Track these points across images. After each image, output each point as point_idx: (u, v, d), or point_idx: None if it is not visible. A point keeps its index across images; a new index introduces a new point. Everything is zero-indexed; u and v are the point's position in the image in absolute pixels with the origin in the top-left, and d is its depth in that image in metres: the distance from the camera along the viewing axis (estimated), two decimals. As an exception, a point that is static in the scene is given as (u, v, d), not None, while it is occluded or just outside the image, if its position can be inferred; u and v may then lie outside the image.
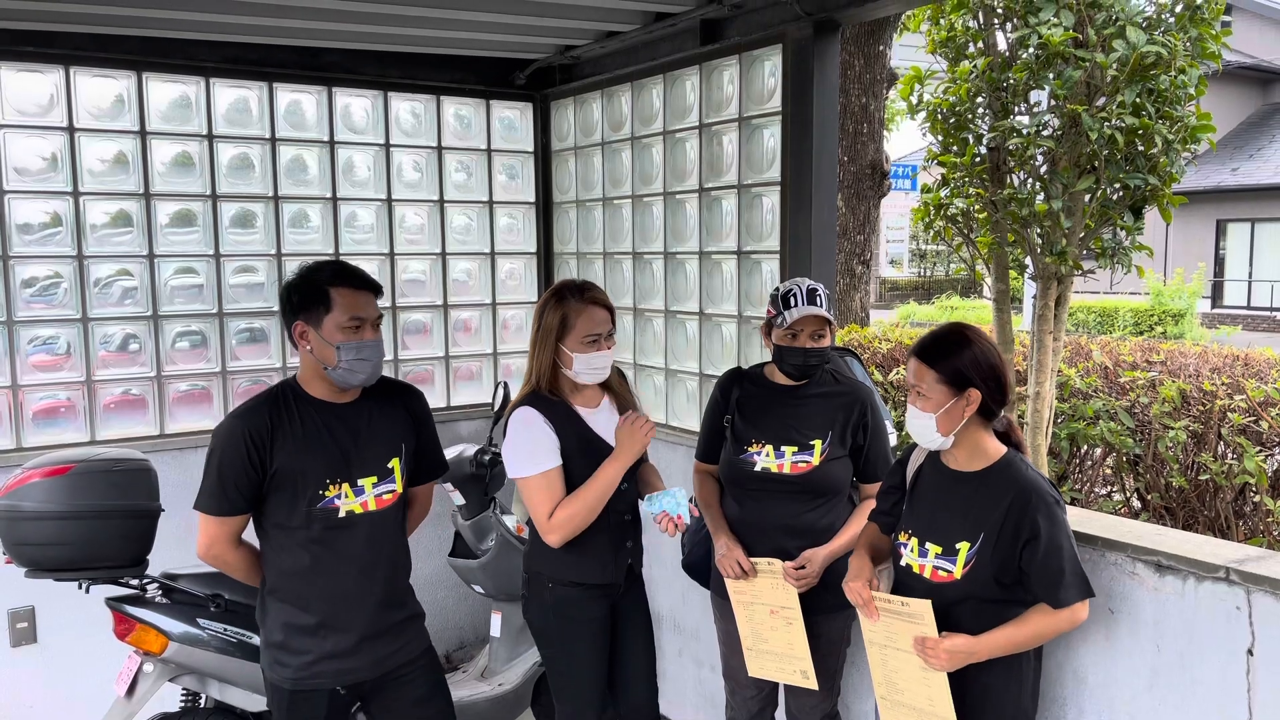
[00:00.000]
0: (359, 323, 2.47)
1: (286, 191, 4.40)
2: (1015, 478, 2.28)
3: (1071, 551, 2.22)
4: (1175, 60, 4.28)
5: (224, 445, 2.45)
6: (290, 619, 2.55)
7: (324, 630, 2.54)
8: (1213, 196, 22.42)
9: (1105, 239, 4.80)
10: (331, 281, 2.47)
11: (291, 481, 2.47)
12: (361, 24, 3.92)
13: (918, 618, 2.26)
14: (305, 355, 2.51)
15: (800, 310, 2.73)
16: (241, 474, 2.43)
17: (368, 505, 2.55)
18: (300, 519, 2.49)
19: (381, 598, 2.61)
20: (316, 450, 2.49)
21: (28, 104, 3.88)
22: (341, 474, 2.51)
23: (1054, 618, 2.23)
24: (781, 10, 3.49)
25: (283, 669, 2.55)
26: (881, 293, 29.05)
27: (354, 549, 2.54)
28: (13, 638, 3.90)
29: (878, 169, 8.36)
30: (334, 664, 2.55)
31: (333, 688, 2.57)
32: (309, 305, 2.46)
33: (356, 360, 2.47)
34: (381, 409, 2.62)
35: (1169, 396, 4.76)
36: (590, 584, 2.81)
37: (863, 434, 2.84)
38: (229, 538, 2.51)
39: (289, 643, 2.55)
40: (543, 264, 5.06)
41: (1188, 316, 18.72)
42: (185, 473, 4.15)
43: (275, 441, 2.45)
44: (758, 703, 3.04)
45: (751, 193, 3.79)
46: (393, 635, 2.64)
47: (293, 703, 2.56)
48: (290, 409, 2.50)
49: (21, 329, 3.94)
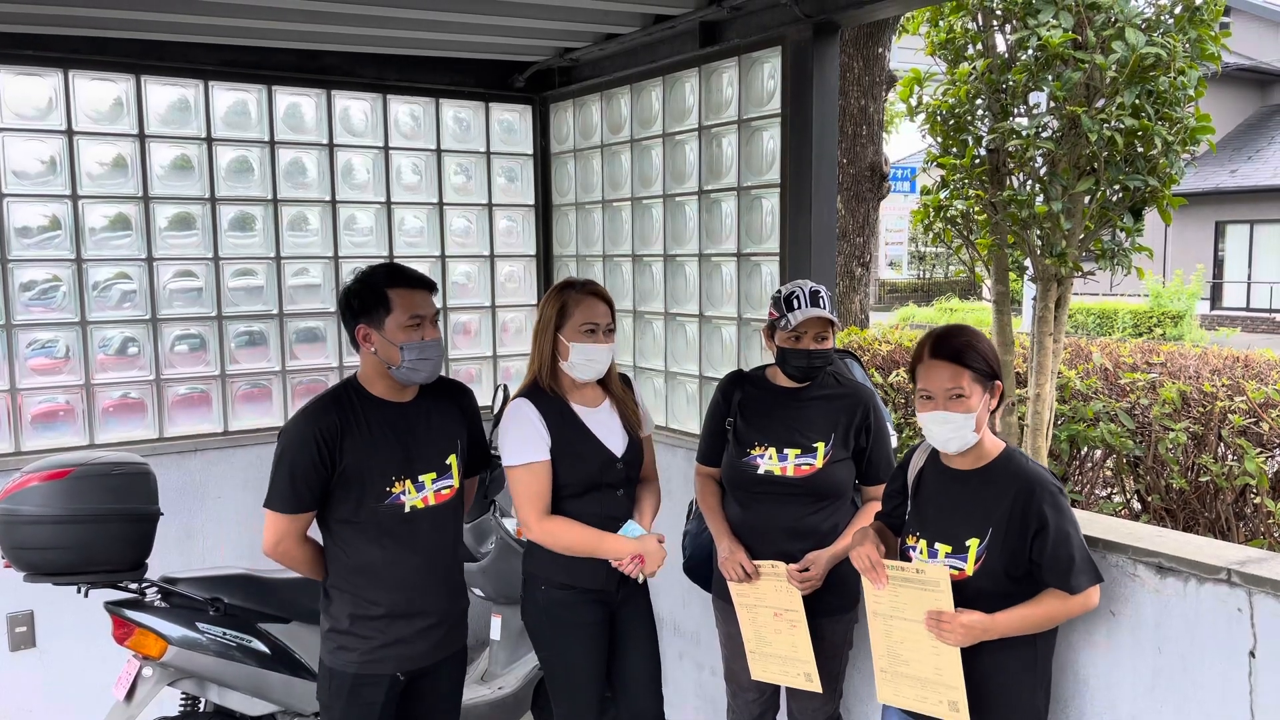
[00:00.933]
0: (419, 320, 2.56)
1: (285, 194, 4.40)
2: (1018, 471, 2.30)
3: (1079, 538, 2.25)
4: (1174, 62, 4.28)
5: (294, 444, 2.51)
6: (357, 609, 2.61)
7: (390, 619, 2.62)
8: (1212, 198, 22.43)
9: (1105, 240, 4.80)
10: (389, 283, 2.56)
11: (359, 479, 2.54)
12: (360, 26, 3.92)
13: (933, 585, 2.25)
14: (368, 356, 2.58)
15: (804, 313, 2.72)
16: (311, 472, 2.50)
17: (428, 500, 2.63)
18: (367, 514, 2.56)
19: (444, 587, 2.71)
20: (381, 448, 2.56)
21: (26, 107, 3.88)
22: (404, 471, 2.59)
23: (1067, 602, 2.25)
24: (781, 12, 3.49)
25: (347, 654, 2.61)
26: (881, 295, 29.05)
27: (418, 543, 2.63)
28: (11, 642, 3.90)
29: (877, 171, 8.36)
30: (398, 649, 2.63)
31: (394, 673, 2.64)
32: (369, 308, 2.54)
33: (420, 359, 2.55)
34: (438, 406, 2.70)
35: (1169, 398, 4.76)
36: (581, 588, 2.81)
37: (865, 436, 2.84)
38: (297, 534, 2.57)
39: (355, 629, 2.61)
40: (542, 266, 5.05)
41: (1187, 318, 18.73)
42: (185, 476, 4.16)
43: (344, 440, 2.51)
44: (759, 706, 3.03)
45: (751, 195, 3.78)
46: (451, 623, 2.75)
47: (355, 687, 2.62)
48: (355, 408, 2.57)
49: (20, 332, 3.93)
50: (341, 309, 2.61)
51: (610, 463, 2.80)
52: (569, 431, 2.77)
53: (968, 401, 2.26)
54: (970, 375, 2.27)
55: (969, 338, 2.32)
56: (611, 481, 2.80)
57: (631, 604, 2.91)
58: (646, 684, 2.93)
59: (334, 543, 2.62)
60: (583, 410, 2.82)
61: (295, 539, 2.57)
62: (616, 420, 2.86)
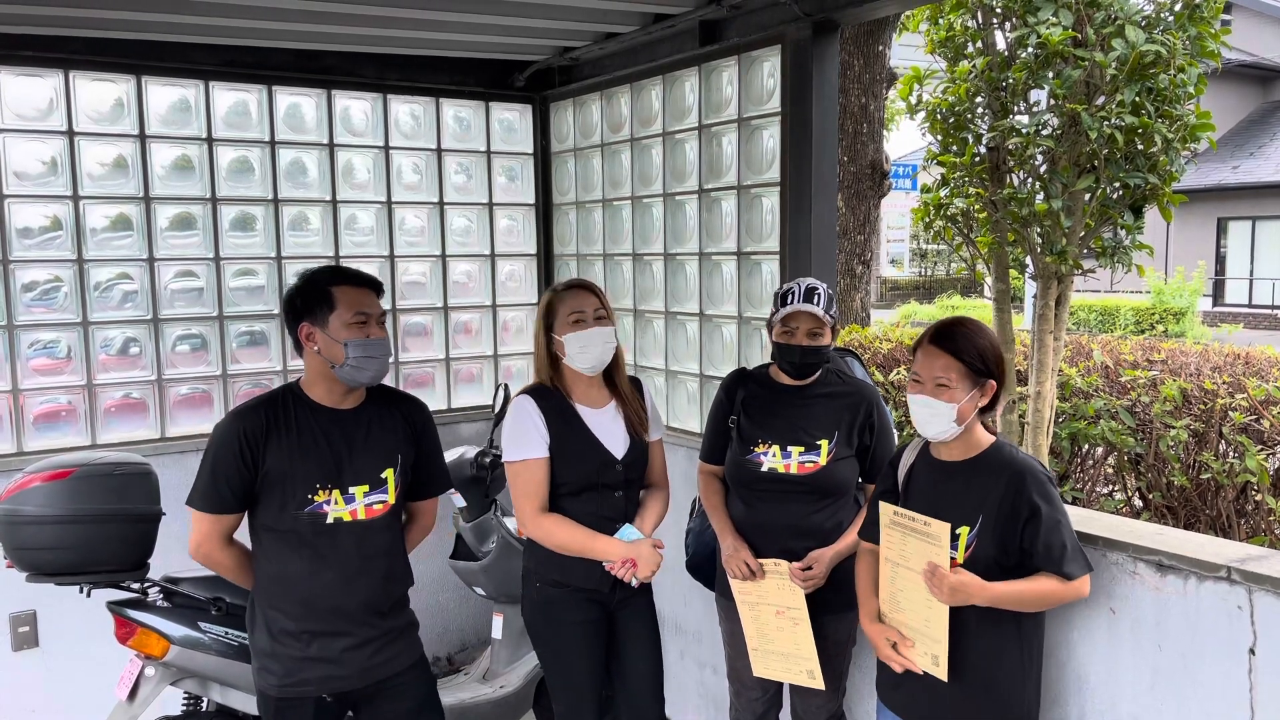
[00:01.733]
0: (364, 318, 2.50)
1: (286, 194, 4.40)
2: (1007, 460, 2.33)
3: (1069, 527, 2.28)
4: (1174, 59, 4.28)
5: (219, 442, 2.47)
6: (275, 624, 2.55)
7: (307, 636, 2.53)
8: (1213, 195, 22.42)
9: (1105, 238, 4.80)
10: (332, 281, 2.52)
11: (280, 484, 2.48)
12: (360, 26, 3.92)
13: (935, 539, 2.28)
14: (312, 357, 2.52)
15: (791, 307, 2.76)
16: (233, 471, 2.45)
17: (357, 514, 2.54)
18: (288, 522, 2.50)
19: (366, 607, 2.59)
20: (310, 454, 2.50)
21: (27, 108, 3.89)
22: (333, 480, 2.52)
23: (1061, 587, 2.27)
24: (780, 11, 3.49)
25: (269, 676, 2.56)
26: (882, 292, 29.04)
27: (340, 556, 2.53)
28: (14, 642, 3.91)
29: (878, 169, 8.36)
30: (319, 670, 2.54)
31: (319, 695, 2.56)
32: (313, 306, 2.50)
33: (364, 357, 2.49)
34: (381, 418, 2.63)
35: (1170, 395, 4.76)
36: (574, 586, 2.81)
37: (869, 434, 2.85)
38: (219, 536, 2.52)
39: (276, 647, 2.55)
40: (543, 265, 5.06)
41: (1189, 315, 18.73)
42: (186, 476, 4.10)
43: (269, 442, 2.47)
44: (763, 704, 3.04)
45: (751, 193, 3.79)
46: (380, 645, 2.62)
47: (279, 710, 2.56)
48: (289, 411, 2.52)
49: (22, 333, 3.94)
50: (285, 310, 2.55)
51: (609, 464, 2.80)
52: (568, 430, 2.78)
53: (952, 392, 2.30)
54: (961, 369, 2.31)
55: (972, 332, 2.35)
56: (609, 482, 2.80)
57: (632, 604, 2.90)
58: (647, 685, 2.93)
59: (258, 549, 2.57)
60: (586, 410, 2.82)
61: (217, 541, 2.51)
62: (620, 422, 2.86)
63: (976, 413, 2.36)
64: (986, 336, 2.36)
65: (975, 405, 2.33)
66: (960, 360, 2.31)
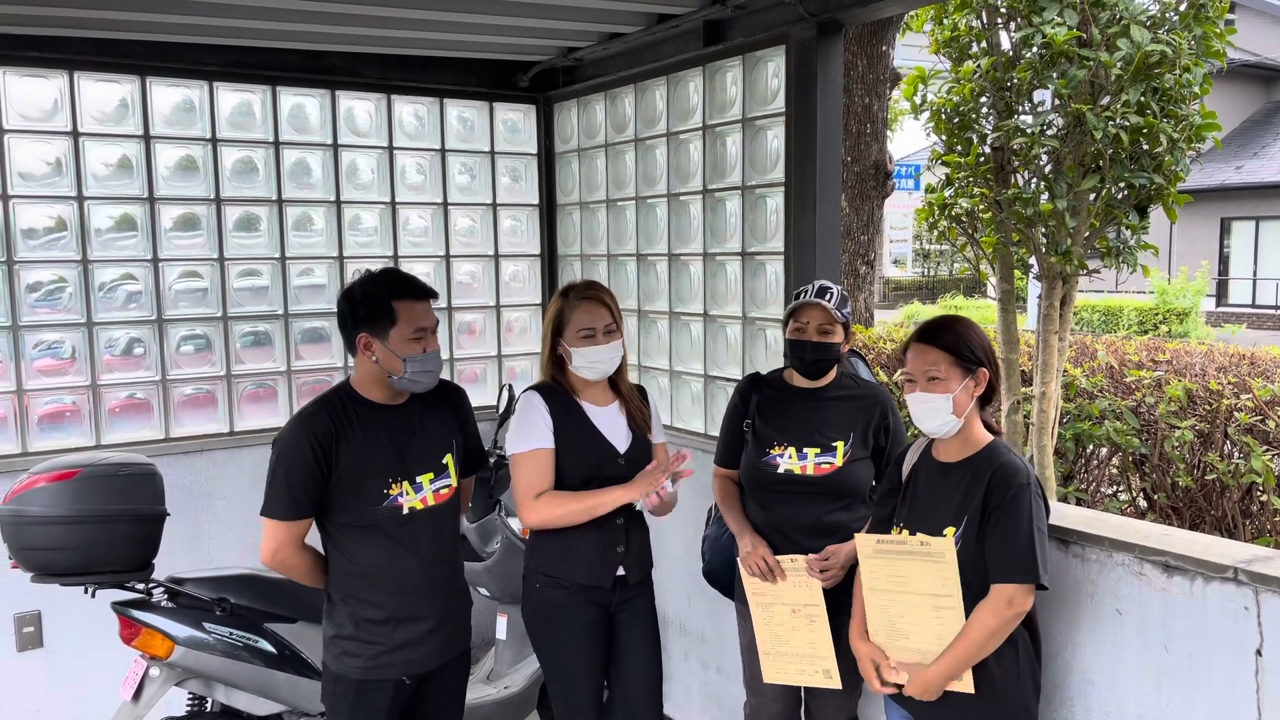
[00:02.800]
0: (423, 333, 2.56)
1: (290, 195, 4.41)
2: (993, 459, 2.34)
3: (1033, 537, 2.23)
4: (1180, 59, 4.27)
5: (289, 450, 2.49)
6: (360, 613, 2.60)
7: (394, 622, 2.61)
8: (1217, 194, 22.37)
9: (1110, 238, 4.79)
10: (394, 294, 2.54)
11: (355, 483, 2.53)
12: (364, 27, 3.92)
13: (939, 556, 2.27)
14: (367, 364, 2.57)
15: (802, 301, 2.78)
16: (308, 477, 2.49)
17: (427, 501, 2.63)
18: (367, 518, 2.56)
19: (446, 587, 2.72)
20: (376, 451, 2.56)
21: (32, 109, 3.89)
22: (401, 472, 2.58)
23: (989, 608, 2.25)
24: (785, 11, 3.49)
25: (352, 659, 2.61)
26: (885, 293, 29.02)
27: (419, 545, 2.62)
28: (19, 642, 3.91)
29: (881, 169, 8.35)
30: (403, 654, 2.63)
31: (399, 677, 2.64)
32: (373, 319, 2.53)
33: (422, 371, 2.57)
34: (431, 408, 2.70)
35: (1175, 396, 4.75)
36: (574, 584, 2.82)
37: (884, 436, 2.86)
38: (295, 542, 2.56)
39: (360, 634, 2.60)
40: (546, 266, 5.06)
41: (1192, 315, 18.69)
42: (191, 476, 4.17)
43: (339, 443, 2.51)
44: (783, 718, 3.02)
45: (755, 194, 3.78)
46: (454, 626, 2.75)
47: (360, 693, 2.61)
48: (349, 412, 2.56)
49: (26, 333, 3.94)
50: (342, 315, 2.58)
51: (612, 457, 2.82)
52: (573, 423, 2.81)
53: (945, 384, 2.32)
54: (949, 359, 2.33)
55: (954, 324, 2.39)
56: (613, 475, 2.81)
57: (632, 606, 2.91)
58: (646, 687, 2.93)
59: (334, 548, 2.62)
60: (590, 406, 2.86)
61: (293, 546, 2.56)
62: (623, 419, 2.88)
63: (975, 404, 2.37)
64: (972, 329, 2.40)
65: (971, 395, 2.35)
66: (948, 351, 2.34)
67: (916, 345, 2.39)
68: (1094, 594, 2.49)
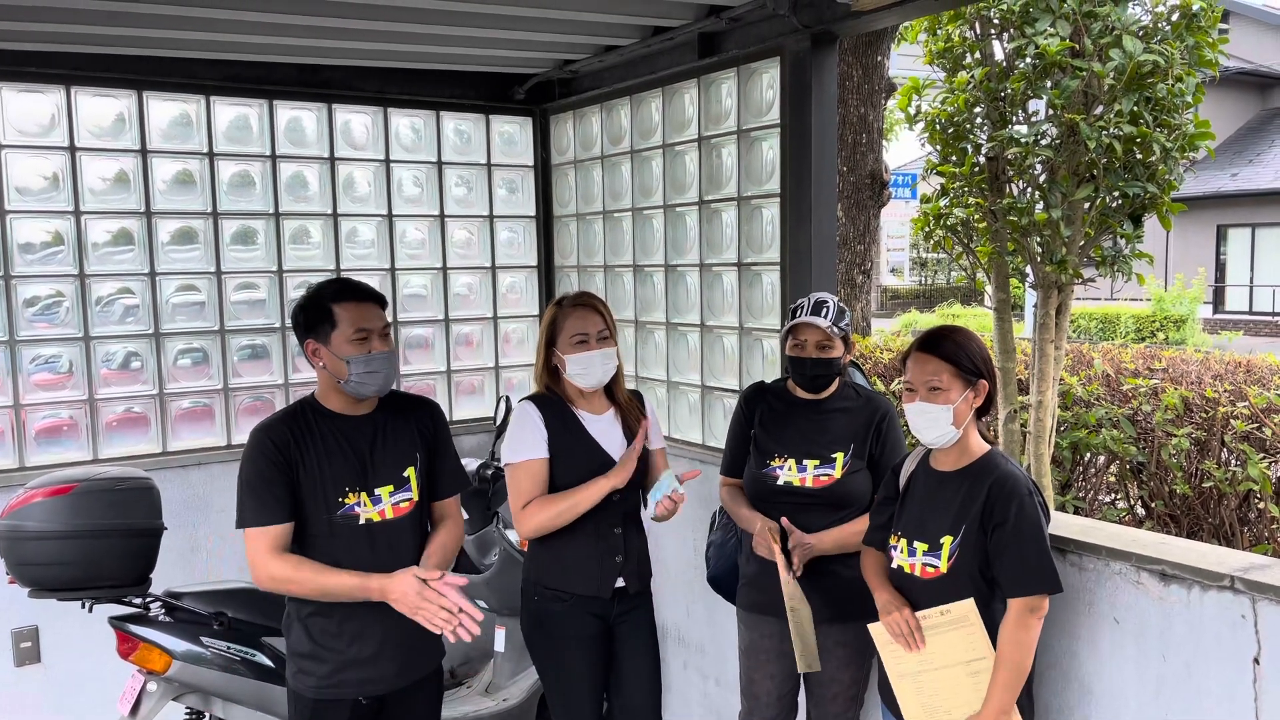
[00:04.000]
0: (365, 334, 2.52)
1: (287, 208, 4.41)
2: (991, 469, 2.35)
3: (1037, 546, 2.24)
4: (1172, 68, 4.29)
5: (253, 456, 2.49)
6: (315, 627, 2.57)
7: (347, 638, 2.56)
8: (1213, 202, 22.43)
9: (1105, 247, 4.81)
10: (335, 298, 2.53)
11: (313, 491, 2.51)
12: (360, 41, 3.93)
13: (964, 620, 2.26)
14: (320, 371, 2.56)
15: (796, 320, 2.78)
16: (276, 477, 2.47)
17: (385, 514, 2.59)
18: (323, 527, 2.52)
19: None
20: (335, 460, 2.54)
21: (29, 124, 3.90)
22: (359, 483, 2.55)
23: (1015, 623, 2.24)
24: (779, 23, 3.50)
25: (307, 678, 2.57)
26: (883, 301, 29.05)
27: (375, 556, 2.56)
28: (16, 657, 3.90)
29: (877, 179, 8.37)
30: (357, 673, 2.57)
31: (355, 697, 2.59)
32: (316, 324, 2.52)
33: (366, 373, 2.52)
34: (394, 421, 2.67)
35: (1172, 404, 4.76)
36: (572, 594, 2.81)
37: (876, 444, 2.84)
38: (278, 548, 2.47)
39: (314, 651, 2.56)
40: (543, 277, 5.06)
41: (1189, 322, 18.73)
42: (188, 490, 4.16)
43: (300, 451, 2.50)
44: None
45: (751, 204, 3.79)
46: (414, 644, 2.64)
47: (316, 712, 2.58)
48: (309, 422, 2.55)
49: (24, 348, 3.94)
50: (296, 326, 2.58)
51: (607, 465, 2.82)
52: (568, 433, 2.82)
53: (946, 394, 2.33)
54: (950, 370, 2.34)
55: (954, 335, 2.40)
56: None
57: (631, 617, 2.90)
58: (645, 700, 2.92)
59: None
60: (586, 415, 2.87)
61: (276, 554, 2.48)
62: (618, 428, 2.89)
63: (973, 415, 2.38)
64: (973, 340, 2.41)
65: (970, 406, 2.36)
66: (950, 362, 2.35)
67: (918, 355, 2.39)
68: (1091, 603, 2.49)
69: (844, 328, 2.81)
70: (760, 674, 2.94)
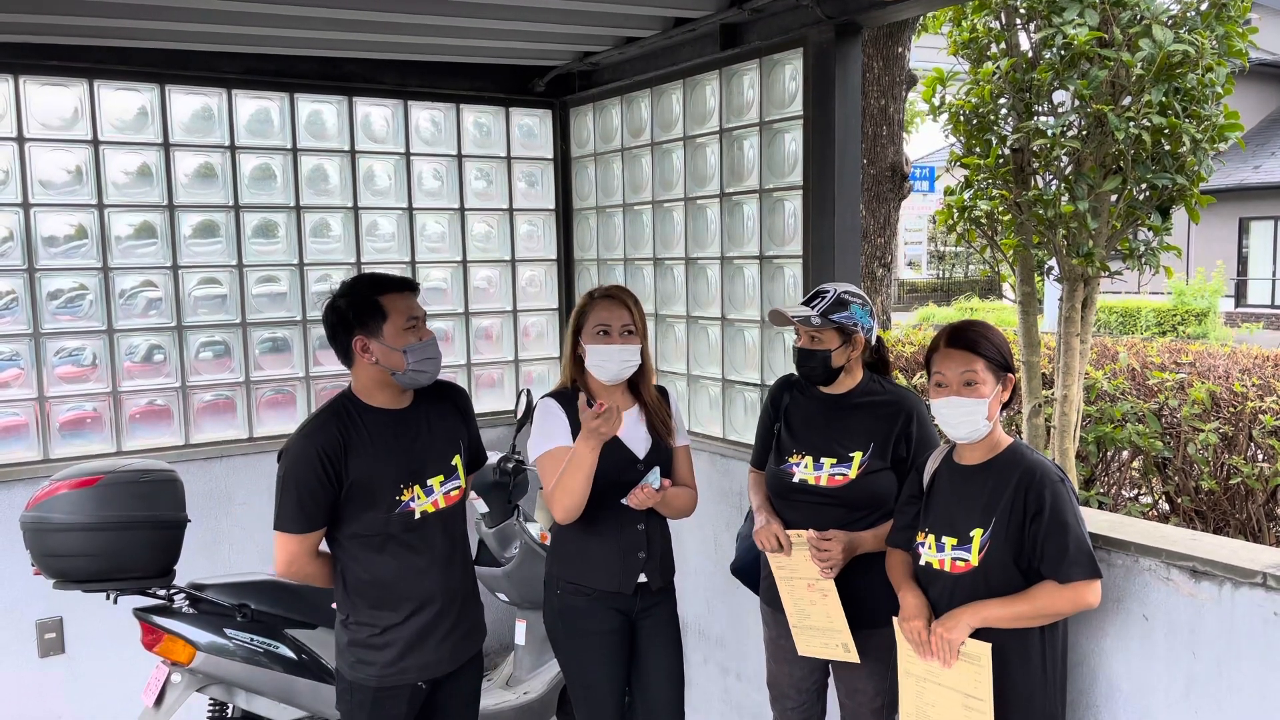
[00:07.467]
0: (415, 322, 2.55)
1: (308, 201, 4.42)
2: (1019, 460, 2.35)
3: (1078, 530, 2.25)
4: (1202, 58, 4.23)
5: (298, 464, 2.48)
6: (374, 620, 2.59)
7: (408, 628, 2.60)
8: (1235, 194, 22.16)
9: (1132, 240, 4.76)
10: (380, 290, 2.55)
11: (368, 492, 2.52)
12: (381, 34, 3.93)
13: (974, 659, 2.26)
14: (366, 368, 2.55)
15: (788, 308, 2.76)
16: (319, 490, 2.47)
17: (438, 504, 2.63)
18: (379, 525, 2.54)
19: (460, 591, 2.71)
20: (387, 457, 2.54)
21: (52, 118, 3.91)
22: (412, 477, 2.58)
23: (1059, 593, 2.25)
24: (802, 14, 3.47)
25: (367, 668, 2.59)
26: (900, 295, 28.92)
27: (431, 548, 2.62)
28: (41, 648, 3.93)
29: (898, 171, 8.31)
30: (418, 658, 2.62)
31: (415, 683, 2.63)
32: (366, 318, 2.51)
33: (424, 359, 2.56)
34: (436, 409, 2.70)
35: (1199, 398, 4.71)
36: (594, 590, 2.81)
37: (905, 445, 2.73)
38: (309, 553, 2.55)
39: (374, 641, 2.59)
40: (563, 270, 5.05)
41: (1210, 315, 18.55)
42: (211, 483, 4.18)
43: (349, 455, 2.49)
44: (799, 714, 2.99)
45: (773, 197, 3.77)
46: (467, 628, 2.74)
47: (377, 700, 2.60)
48: (356, 421, 2.55)
49: (48, 341, 3.96)
50: (332, 328, 2.55)
51: (630, 462, 2.80)
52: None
53: (980, 388, 2.33)
54: (984, 364, 2.34)
55: (983, 329, 2.40)
56: (631, 481, 2.78)
57: (654, 613, 2.89)
58: (667, 695, 2.91)
59: (346, 557, 2.59)
60: None
61: (308, 557, 2.55)
62: (643, 425, 2.87)
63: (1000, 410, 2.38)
64: (997, 332, 2.42)
65: (1000, 401, 2.37)
66: (982, 356, 2.34)
67: (949, 350, 2.37)
68: (1120, 599, 2.46)
69: (842, 319, 2.69)
70: (783, 669, 2.92)
